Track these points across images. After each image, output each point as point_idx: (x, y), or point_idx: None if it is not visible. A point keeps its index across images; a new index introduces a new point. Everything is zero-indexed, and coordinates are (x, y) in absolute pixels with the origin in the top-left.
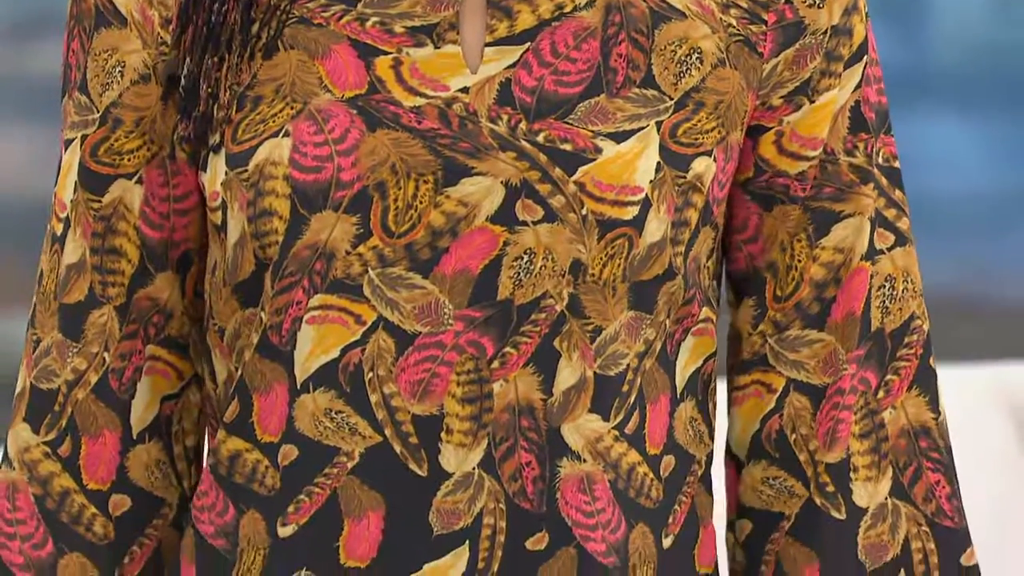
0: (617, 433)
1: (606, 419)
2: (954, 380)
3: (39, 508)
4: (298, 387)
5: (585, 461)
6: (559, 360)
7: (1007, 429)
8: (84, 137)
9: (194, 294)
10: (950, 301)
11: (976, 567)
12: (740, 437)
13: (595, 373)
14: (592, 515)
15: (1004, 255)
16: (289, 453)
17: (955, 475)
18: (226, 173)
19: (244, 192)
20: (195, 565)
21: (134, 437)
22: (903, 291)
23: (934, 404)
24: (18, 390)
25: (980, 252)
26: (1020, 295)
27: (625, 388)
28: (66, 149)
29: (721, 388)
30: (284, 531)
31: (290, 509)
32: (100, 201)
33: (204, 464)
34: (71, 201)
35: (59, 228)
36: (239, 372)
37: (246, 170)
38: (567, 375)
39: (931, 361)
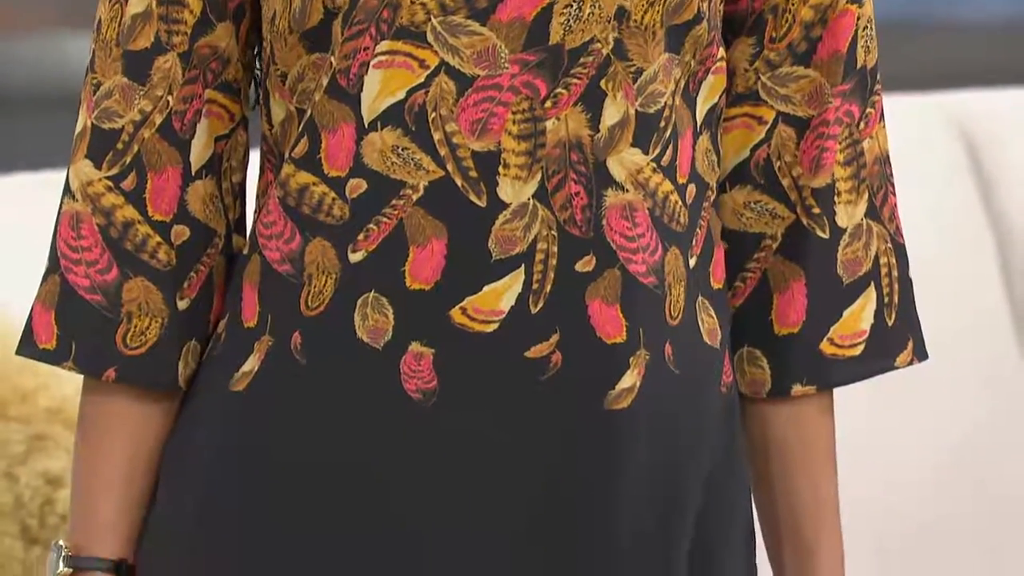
0: (655, 165)
1: (645, 152)
2: (905, 106)
3: (103, 236)
4: (366, 126)
5: (627, 191)
6: (605, 99)
7: (957, 153)
8: None
9: (246, 43)
10: (896, 26)
11: (912, 280)
12: (720, 165)
13: (636, 111)
14: (633, 239)
15: None
16: (357, 186)
17: None
18: None
19: None
20: (258, 289)
21: (193, 174)
22: (875, 30)
23: (886, 133)
24: (78, 129)
25: None
26: (965, 17)
27: (662, 124)
28: None
29: None
30: (354, 257)
31: (360, 237)
32: None
33: (270, 196)
34: None
35: None
36: (308, 112)
37: None
38: (612, 112)
39: None
